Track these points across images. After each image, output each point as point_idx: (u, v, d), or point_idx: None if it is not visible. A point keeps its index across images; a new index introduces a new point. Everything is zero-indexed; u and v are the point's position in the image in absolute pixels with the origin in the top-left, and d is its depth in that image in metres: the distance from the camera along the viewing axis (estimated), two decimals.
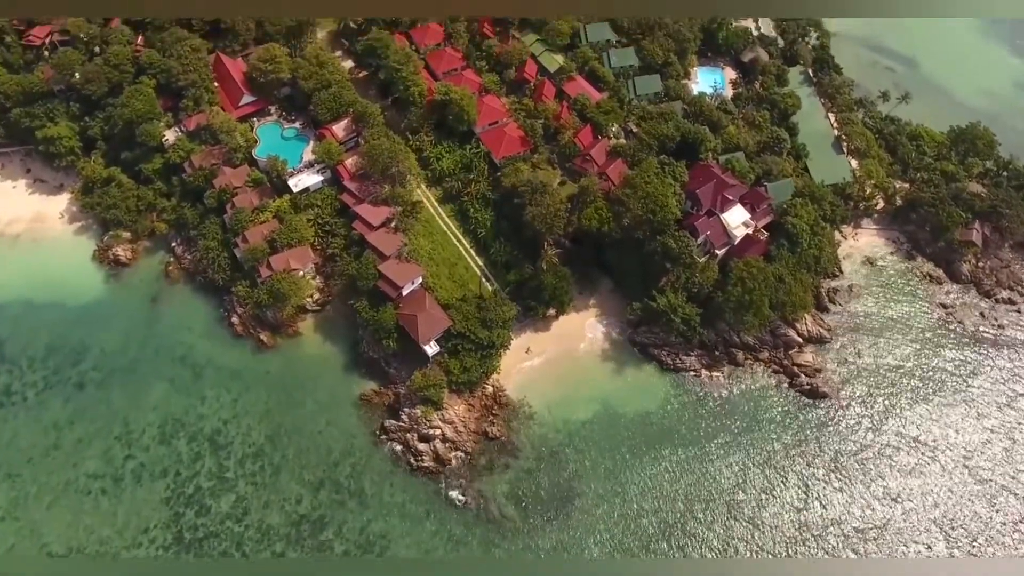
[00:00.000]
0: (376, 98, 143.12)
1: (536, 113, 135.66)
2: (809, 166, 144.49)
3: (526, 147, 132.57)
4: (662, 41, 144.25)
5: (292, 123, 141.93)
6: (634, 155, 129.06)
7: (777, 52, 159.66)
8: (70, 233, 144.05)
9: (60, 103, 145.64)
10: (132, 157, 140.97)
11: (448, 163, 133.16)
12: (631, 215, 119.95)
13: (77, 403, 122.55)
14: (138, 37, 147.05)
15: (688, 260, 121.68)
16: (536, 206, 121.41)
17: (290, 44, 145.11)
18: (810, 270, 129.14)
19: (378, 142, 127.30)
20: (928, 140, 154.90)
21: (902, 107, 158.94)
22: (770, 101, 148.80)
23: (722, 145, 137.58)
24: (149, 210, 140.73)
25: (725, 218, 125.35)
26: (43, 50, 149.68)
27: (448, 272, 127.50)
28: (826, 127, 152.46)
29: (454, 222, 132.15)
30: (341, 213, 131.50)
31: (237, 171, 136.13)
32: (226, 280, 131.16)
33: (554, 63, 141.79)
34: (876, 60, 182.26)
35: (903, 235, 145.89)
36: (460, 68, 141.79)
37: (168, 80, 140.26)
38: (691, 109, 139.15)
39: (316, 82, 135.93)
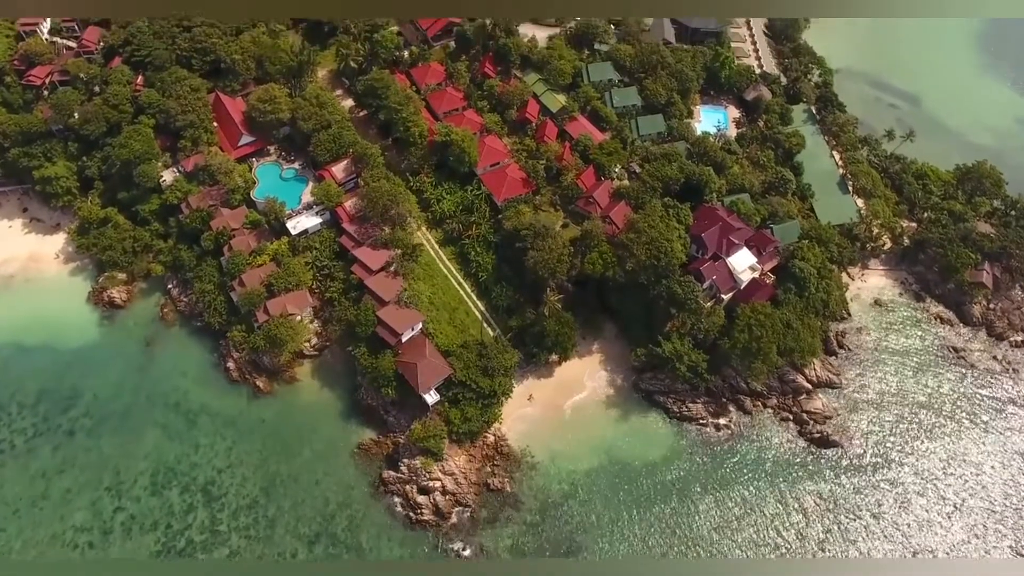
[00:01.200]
0: (376, 138, 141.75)
1: (538, 154, 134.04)
2: (815, 206, 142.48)
3: (528, 189, 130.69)
4: (664, 80, 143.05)
5: (291, 164, 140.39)
6: (638, 197, 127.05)
7: (780, 90, 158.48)
8: (65, 274, 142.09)
9: (58, 143, 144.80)
10: (129, 197, 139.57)
11: (449, 205, 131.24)
12: (635, 260, 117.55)
13: (67, 451, 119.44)
14: (138, 76, 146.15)
15: (694, 305, 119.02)
16: (539, 251, 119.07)
17: (290, 84, 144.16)
18: (818, 314, 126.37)
19: (378, 184, 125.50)
20: (934, 179, 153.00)
21: (907, 144, 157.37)
22: (774, 140, 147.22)
23: (727, 186, 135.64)
24: (145, 251, 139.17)
25: (731, 262, 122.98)
26: (43, 90, 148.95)
27: (449, 317, 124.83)
28: (831, 166, 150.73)
29: (455, 265, 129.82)
30: (340, 256, 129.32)
31: (235, 212, 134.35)
32: (222, 324, 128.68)
33: (556, 103, 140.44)
34: (879, 97, 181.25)
35: (911, 276, 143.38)
36: (461, 108, 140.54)
37: (167, 120, 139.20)
38: (695, 149, 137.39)
39: (316, 122, 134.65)
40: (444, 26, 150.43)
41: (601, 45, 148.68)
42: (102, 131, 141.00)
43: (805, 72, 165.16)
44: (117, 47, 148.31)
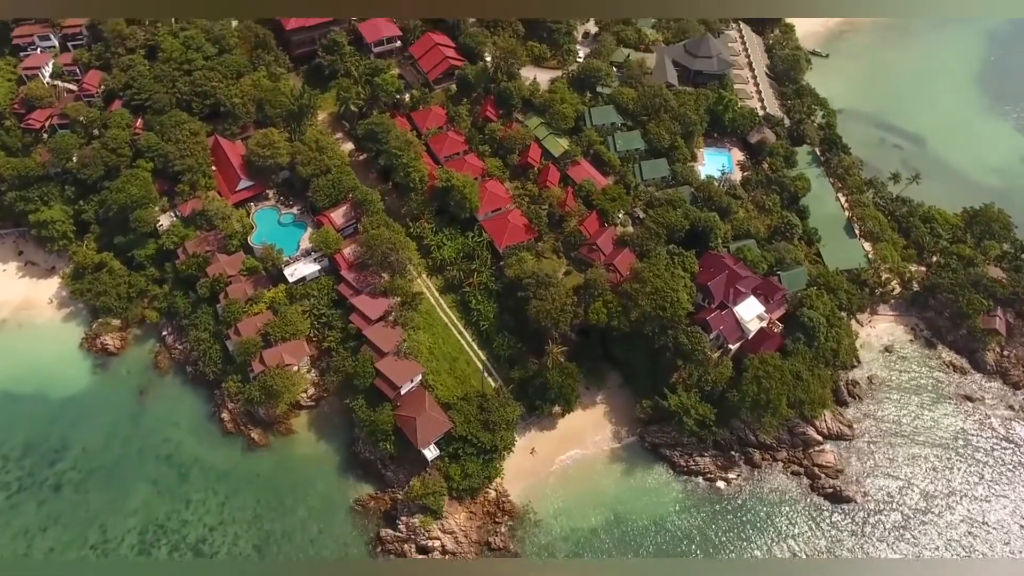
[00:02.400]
0: (376, 182, 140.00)
1: (540, 199, 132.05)
2: (822, 251, 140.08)
3: (530, 235, 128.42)
4: (668, 124, 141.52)
5: (290, 208, 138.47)
6: (642, 245, 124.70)
7: (784, 132, 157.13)
8: (58, 320, 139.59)
9: (55, 186, 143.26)
10: (125, 242, 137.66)
11: (449, 252, 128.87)
12: (640, 310, 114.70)
13: (52, 507, 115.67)
14: (137, 120, 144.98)
15: (700, 356, 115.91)
16: (541, 300, 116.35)
17: (290, 127, 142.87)
18: (828, 364, 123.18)
19: (377, 231, 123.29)
20: (942, 222, 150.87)
21: (912, 186, 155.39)
22: (779, 184, 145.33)
23: (732, 231, 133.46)
24: (140, 297, 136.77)
25: (738, 311, 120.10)
26: (42, 133, 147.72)
27: (449, 367, 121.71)
28: (837, 210, 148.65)
29: (455, 313, 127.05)
30: (338, 304, 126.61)
31: (232, 258, 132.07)
32: (217, 374, 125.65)
33: (558, 147, 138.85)
34: (883, 138, 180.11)
35: (922, 322, 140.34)
36: (462, 152, 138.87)
37: (165, 164, 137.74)
38: (700, 194, 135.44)
39: (315, 167, 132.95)
40: (446, 69, 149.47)
41: (603, 88, 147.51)
42: (100, 175, 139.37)
43: (808, 114, 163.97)
44: (117, 91, 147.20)
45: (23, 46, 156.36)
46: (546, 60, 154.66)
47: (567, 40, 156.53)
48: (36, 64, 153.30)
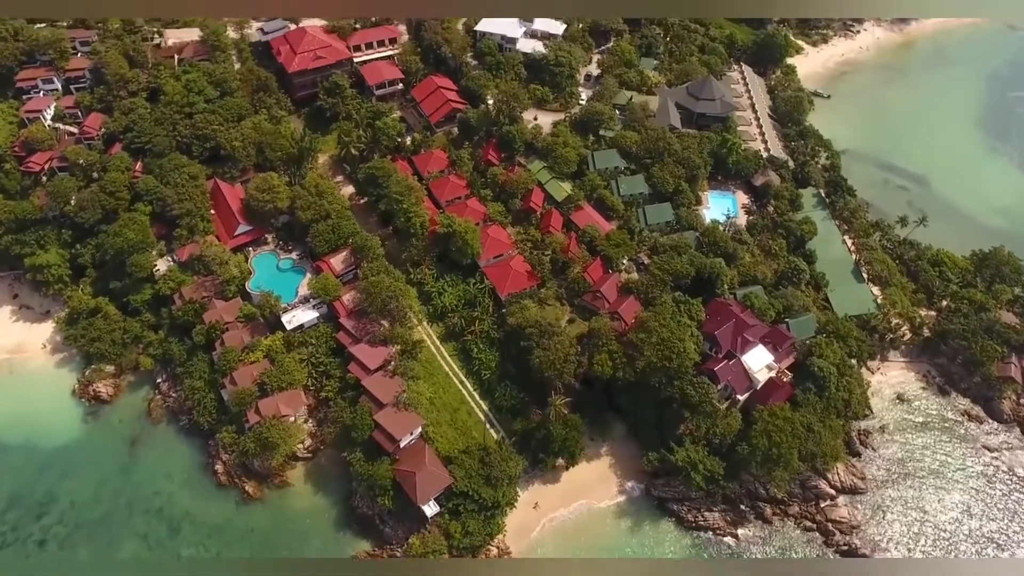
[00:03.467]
0: (377, 226, 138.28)
1: (543, 244, 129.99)
2: (830, 297, 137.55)
3: (533, 282, 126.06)
4: (672, 168, 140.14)
5: (289, 253, 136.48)
6: (647, 292, 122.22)
7: (788, 174, 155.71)
8: (51, 365, 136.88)
9: (52, 230, 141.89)
10: (121, 287, 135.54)
11: (450, 299, 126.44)
12: (646, 361, 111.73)
13: (36, 563, 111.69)
14: (137, 163, 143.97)
15: (708, 408, 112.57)
16: (544, 350, 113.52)
17: (290, 171, 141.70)
18: (840, 415, 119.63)
19: (377, 278, 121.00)
20: (951, 265, 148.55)
21: (919, 228, 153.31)
22: (785, 227, 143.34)
23: (739, 277, 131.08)
24: (135, 343, 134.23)
25: (746, 361, 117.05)
26: (41, 176, 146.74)
27: (450, 418, 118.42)
28: (844, 253, 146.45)
29: (456, 362, 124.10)
30: (337, 352, 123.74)
31: (229, 305, 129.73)
32: (211, 424, 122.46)
33: (561, 192, 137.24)
34: (888, 179, 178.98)
35: (934, 368, 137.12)
36: (464, 196, 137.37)
37: (163, 208, 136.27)
38: (705, 239, 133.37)
39: (314, 212, 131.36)
40: (448, 112, 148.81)
41: (606, 131, 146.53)
42: (98, 218, 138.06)
43: (812, 155, 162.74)
44: (118, 133, 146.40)
45: (26, 89, 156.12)
46: (548, 103, 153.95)
47: (569, 83, 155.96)
48: (38, 107, 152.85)
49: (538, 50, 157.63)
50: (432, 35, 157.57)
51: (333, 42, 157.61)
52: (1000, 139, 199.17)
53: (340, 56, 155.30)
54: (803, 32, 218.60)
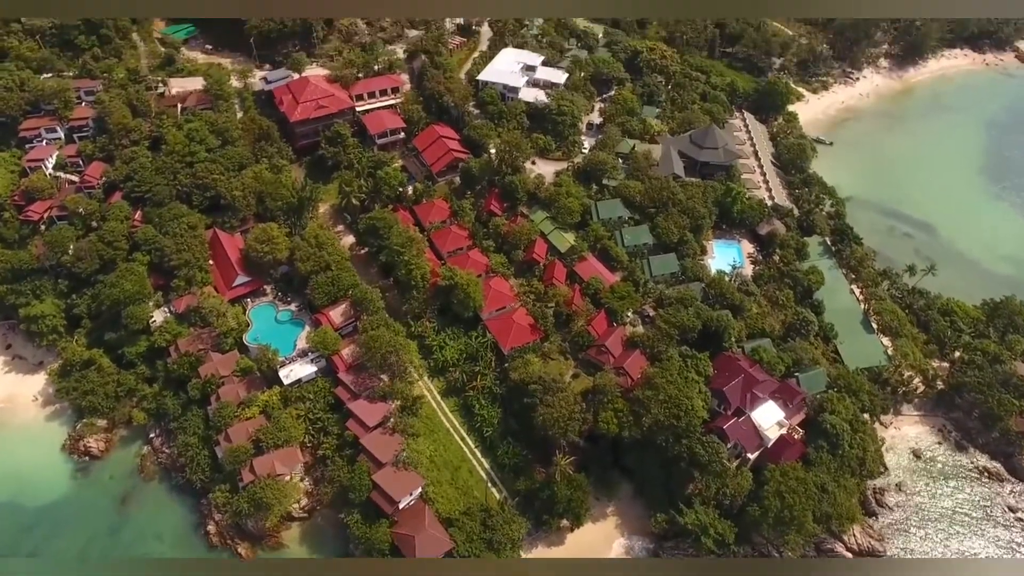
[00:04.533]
0: (377, 277, 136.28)
1: (546, 297, 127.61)
2: (840, 349, 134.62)
3: (536, 336, 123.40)
4: (676, 218, 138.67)
5: (287, 305, 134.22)
6: (653, 346, 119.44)
7: (793, 222, 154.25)
8: (41, 419, 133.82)
9: (48, 280, 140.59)
10: (116, 339, 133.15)
11: (452, 353, 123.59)
12: (653, 418, 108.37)
13: None
14: (136, 212, 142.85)
15: (718, 468, 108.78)
16: (548, 407, 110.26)
17: (290, 221, 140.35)
18: (854, 474, 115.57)
19: (377, 332, 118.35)
20: (962, 315, 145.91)
21: (927, 276, 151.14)
22: (792, 277, 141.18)
23: (746, 330, 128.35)
24: (129, 396, 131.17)
25: (756, 418, 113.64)
26: (40, 225, 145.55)
27: (451, 477, 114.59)
28: (852, 303, 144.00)
29: (458, 418, 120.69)
30: (335, 407, 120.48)
31: (226, 358, 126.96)
32: (204, 482, 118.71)
33: (565, 243, 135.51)
34: (893, 226, 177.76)
35: (949, 423, 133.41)
36: (466, 247, 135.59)
37: (161, 259, 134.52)
38: (711, 291, 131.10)
39: (314, 264, 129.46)
40: (449, 162, 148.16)
41: (609, 180, 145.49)
42: (95, 268, 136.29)
43: (817, 203, 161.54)
44: (118, 182, 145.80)
45: (30, 138, 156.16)
46: (551, 152, 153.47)
47: (572, 131, 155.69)
48: (40, 156, 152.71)
49: (540, 99, 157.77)
50: (434, 84, 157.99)
51: (336, 91, 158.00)
52: (1003, 186, 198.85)
53: (342, 105, 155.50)
54: (803, 79, 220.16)
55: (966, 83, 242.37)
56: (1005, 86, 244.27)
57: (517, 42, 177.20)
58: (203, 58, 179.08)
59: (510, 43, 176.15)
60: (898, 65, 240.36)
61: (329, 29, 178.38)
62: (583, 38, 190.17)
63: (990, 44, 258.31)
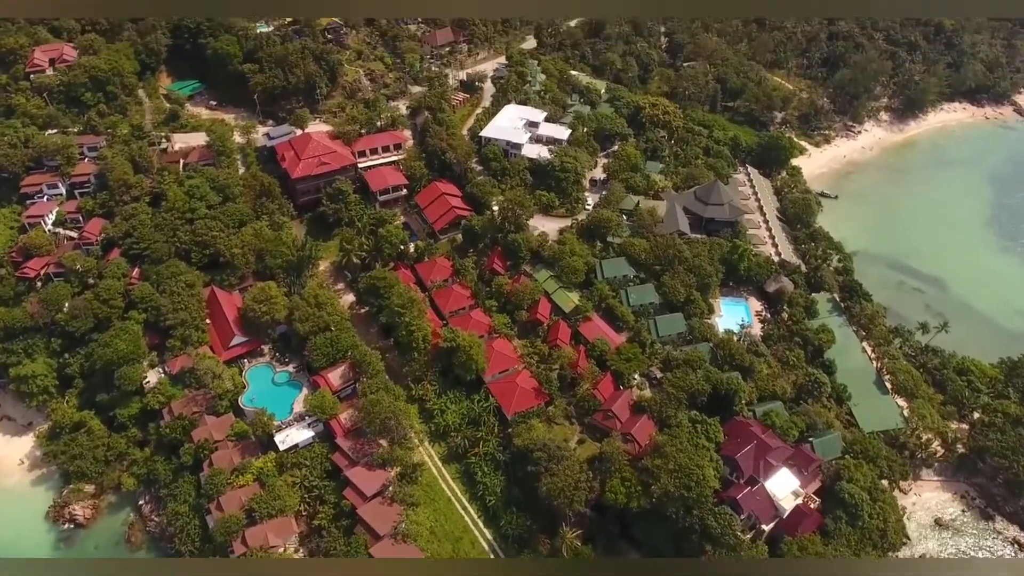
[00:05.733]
0: (377, 337, 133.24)
1: (551, 359, 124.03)
2: (854, 411, 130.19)
3: (540, 400, 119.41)
4: (682, 276, 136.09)
5: (285, 366, 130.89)
6: (661, 411, 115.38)
7: (801, 279, 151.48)
8: (27, 484, 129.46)
9: (41, 338, 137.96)
10: (108, 400, 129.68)
11: (453, 417, 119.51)
12: (662, 489, 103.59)
13: None
14: (134, 269, 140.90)
15: (731, 540, 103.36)
16: (552, 476, 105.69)
17: (289, 279, 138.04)
18: (875, 546, 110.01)
19: (376, 396, 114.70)
20: (979, 374, 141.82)
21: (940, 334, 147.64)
22: (802, 336, 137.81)
23: (757, 392, 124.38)
24: (118, 460, 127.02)
25: (770, 488, 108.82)
26: (36, 282, 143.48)
27: (452, 548, 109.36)
28: (865, 363, 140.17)
29: (459, 486, 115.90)
30: (332, 474, 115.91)
31: (220, 421, 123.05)
32: (194, 553, 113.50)
33: (569, 302, 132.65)
34: (902, 281, 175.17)
35: (972, 488, 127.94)
36: (468, 307, 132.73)
37: (157, 317, 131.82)
38: (719, 352, 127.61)
39: (312, 324, 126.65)
40: (452, 219, 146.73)
41: (614, 238, 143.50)
42: (89, 327, 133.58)
43: (824, 259, 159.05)
44: (117, 239, 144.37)
45: (31, 195, 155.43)
46: (554, 208, 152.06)
47: (575, 188, 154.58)
48: (39, 212, 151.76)
49: (543, 155, 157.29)
50: (437, 140, 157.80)
51: (338, 148, 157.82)
52: (1011, 239, 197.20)
53: (344, 162, 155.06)
54: (805, 133, 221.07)
55: (967, 136, 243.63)
56: (1006, 139, 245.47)
57: (520, 98, 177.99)
58: (207, 113, 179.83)
59: (513, 99, 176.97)
60: (898, 118, 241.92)
61: (333, 85, 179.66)
62: (585, 93, 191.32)
63: (988, 98, 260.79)
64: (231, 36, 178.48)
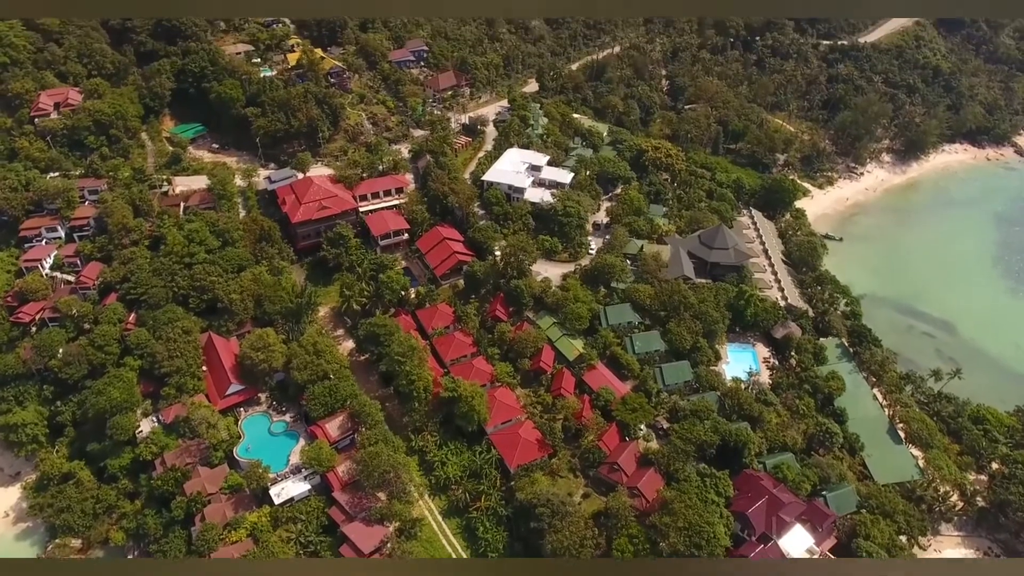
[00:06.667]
0: (377, 385, 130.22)
1: (554, 409, 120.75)
2: (867, 463, 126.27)
3: (544, 452, 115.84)
4: (688, 323, 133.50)
5: (282, 415, 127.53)
6: (669, 464, 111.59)
7: (808, 324, 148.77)
8: (10, 537, 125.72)
9: (33, 385, 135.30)
10: (100, 449, 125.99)
11: (454, 469, 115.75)
12: (671, 547, 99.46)
13: None
14: (130, 315, 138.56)
15: None
16: (557, 532, 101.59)
17: (288, 326, 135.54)
18: None
19: (375, 448, 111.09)
20: (995, 423, 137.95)
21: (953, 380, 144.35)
22: (811, 383, 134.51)
23: (766, 443, 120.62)
24: (107, 514, 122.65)
25: (784, 545, 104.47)
26: (31, 327, 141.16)
27: None
28: (876, 411, 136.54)
29: (460, 541, 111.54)
30: (328, 529, 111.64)
31: (214, 472, 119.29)
32: None
33: (573, 350, 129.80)
34: (912, 325, 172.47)
35: (996, 544, 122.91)
36: (470, 355, 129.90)
37: (152, 364, 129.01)
38: (727, 401, 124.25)
39: (311, 373, 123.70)
40: (453, 264, 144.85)
41: (618, 284, 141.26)
42: (83, 374, 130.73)
43: (831, 303, 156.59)
44: (114, 284, 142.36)
45: (29, 238, 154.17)
46: (557, 253, 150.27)
47: (578, 232, 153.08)
48: (37, 256, 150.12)
49: (546, 199, 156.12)
50: (439, 185, 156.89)
51: (339, 192, 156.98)
52: (1018, 280, 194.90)
53: (345, 206, 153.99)
54: (808, 175, 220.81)
55: (969, 177, 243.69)
56: (1008, 180, 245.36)
57: (522, 142, 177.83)
58: (209, 157, 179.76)
59: (515, 143, 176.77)
60: (900, 160, 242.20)
61: (335, 129, 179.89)
62: (587, 137, 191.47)
63: (988, 139, 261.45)
64: (234, 80, 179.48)
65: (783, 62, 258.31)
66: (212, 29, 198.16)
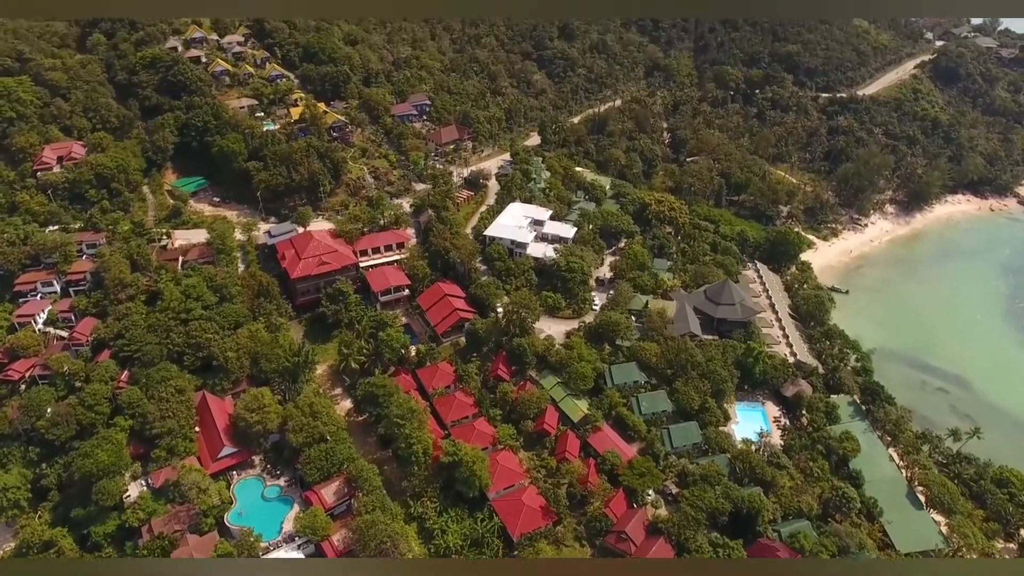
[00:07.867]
0: (375, 447, 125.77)
1: (559, 473, 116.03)
2: (888, 530, 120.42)
3: (548, 520, 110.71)
4: (696, 382, 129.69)
5: (276, 480, 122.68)
6: (679, 533, 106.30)
7: (819, 381, 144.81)
8: None
9: (18, 446, 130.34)
10: (84, 515, 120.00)
11: (455, 538, 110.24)
12: None
13: None
14: (123, 372, 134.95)
15: None
16: None
17: (284, 385, 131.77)
18: None
19: (372, 516, 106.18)
20: (1020, 486, 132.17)
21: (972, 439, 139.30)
22: (824, 444, 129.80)
23: (780, 509, 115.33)
24: None
25: None
26: (20, 384, 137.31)
27: None
28: (894, 472, 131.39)
29: None
30: None
31: (203, 540, 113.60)
32: None
33: (577, 411, 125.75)
34: (925, 380, 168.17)
35: None
36: (471, 416, 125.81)
37: (143, 425, 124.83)
38: (738, 465, 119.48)
39: (306, 436, 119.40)
40: (455, 322, 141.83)
41: (623, 341, 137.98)
42: (71, 435, 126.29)
43: (841, 358, 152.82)
44: (108, 340, 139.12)
45: (24, 293, 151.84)
46: (560, 310, 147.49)
47: (582, 288, 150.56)
48: (30, 312, 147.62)
49: (549, 255, 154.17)
50: (440, 240, 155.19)
51: (339, 247, 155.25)
52: None
53: (345, 262, 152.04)
54: (811, 226, 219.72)
55: (974, 227, 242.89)
56: (1012, 230, 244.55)
57: (524, 196, 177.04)
58: (210, 210, 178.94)
59: (517, 197, 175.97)
60: (904, 211, 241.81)
61: (336, 183, 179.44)
62: (590, 190, 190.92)
63: (991, 190, 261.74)
64: (237, 134, 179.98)
65: (783, 114, 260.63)
66: (217, 84, 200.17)
